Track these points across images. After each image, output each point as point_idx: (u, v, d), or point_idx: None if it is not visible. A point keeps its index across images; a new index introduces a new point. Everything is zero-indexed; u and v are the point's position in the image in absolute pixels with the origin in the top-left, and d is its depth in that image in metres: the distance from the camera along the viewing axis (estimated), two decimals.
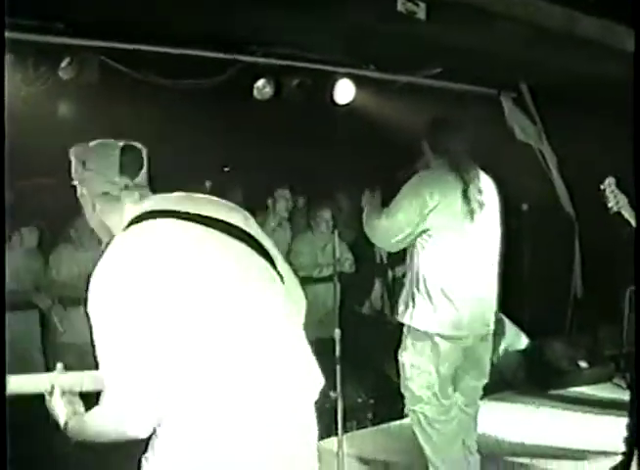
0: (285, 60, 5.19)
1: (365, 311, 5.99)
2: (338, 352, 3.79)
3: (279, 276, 1.97)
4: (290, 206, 5.74)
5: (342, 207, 6.06)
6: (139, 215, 1.88)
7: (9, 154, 1.65)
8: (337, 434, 3.84)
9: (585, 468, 4.19)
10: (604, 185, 3.46)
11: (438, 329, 3.47)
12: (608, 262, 5.78)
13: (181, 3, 3.89)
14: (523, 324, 5.72)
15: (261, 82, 5.23)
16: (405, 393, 3.65)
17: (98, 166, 1.93)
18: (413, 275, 3.56)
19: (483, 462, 3.78)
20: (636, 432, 3.46)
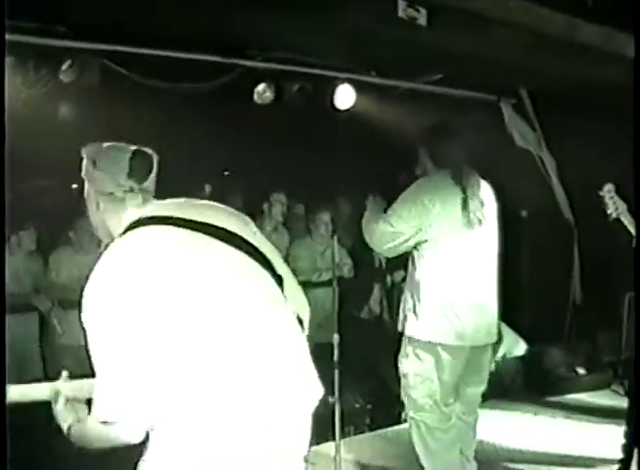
0: (285, 64, 5.20)
1: (364, 316, 5.98)
2: (336, 357, 3.79)
3: (277, 283, 1.97)
4: (285, 210, 5.73)
5: (341, 212, 6.06)
6: (137, 221, 1.91)
7: (9, 156, 1.67)
8: (334, 439, 3.84)
9: None
10: (603, 192, 3.47)
11: (441, 339, 3.46)
12: (607, 269, 5.78)
13: (182, 7, 3.90)
14: (521, 330, 5.71)
15: (262, 87, 5.23)
16: (406, 400, 3.64)
17: (108, 167, 1.96)
18: (414, 284, 3.55)
19: (481, 469, 3.77)
20: (634, 439, 3.45)
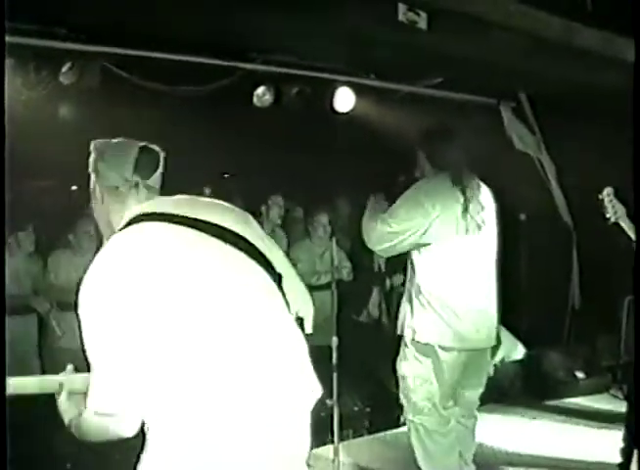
0: (285, 67, 5.20)
1: (363, 320, 5.98)
2: (335, 360, 3.80)
3: (276, 281, 1.97)
4: (283, 213, 5.72)
5: (340, 214, 6.07)
6: (136, 216, 1.91)
7: (9, 158, 1.67)
8: (333, 442, 3.85)
9: None
10: (602, 195, 3.47)
11: (440, 341, 3.47)
12: (606, 273, 5.78)
13: (182, 9, 3.91)
14: (520, 334, 5.69)
15: (261, 90, 5.23)
16: (405, 403, 3.64)
17: (114, 160, 1.99)
18: (413, 287, 3.56)
19: None
20: (634, 442, 3.45)
